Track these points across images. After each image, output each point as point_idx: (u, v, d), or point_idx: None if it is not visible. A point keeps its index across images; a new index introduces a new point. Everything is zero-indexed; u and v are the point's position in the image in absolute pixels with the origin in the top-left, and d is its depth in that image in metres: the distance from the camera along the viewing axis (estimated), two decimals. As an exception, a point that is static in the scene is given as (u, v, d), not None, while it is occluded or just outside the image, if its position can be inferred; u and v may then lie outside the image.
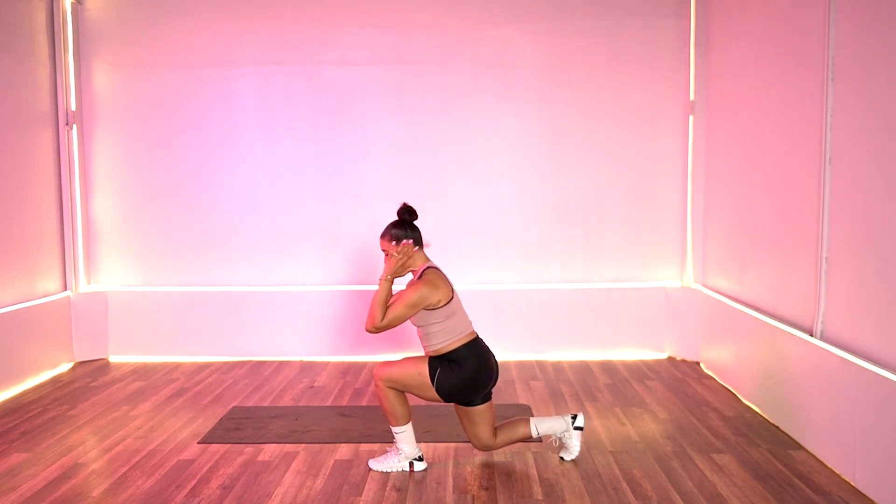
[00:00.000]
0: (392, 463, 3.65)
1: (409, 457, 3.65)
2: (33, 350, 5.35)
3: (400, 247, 3.54)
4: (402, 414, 3.60)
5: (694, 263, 5.82)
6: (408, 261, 3.58)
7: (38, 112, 5.61)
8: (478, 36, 5.85)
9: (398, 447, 3.65)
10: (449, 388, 3.53)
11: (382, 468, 3.65)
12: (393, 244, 3.56)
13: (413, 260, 3.60)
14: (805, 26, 4.05)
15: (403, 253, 3.54)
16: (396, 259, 3.54)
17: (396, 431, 3.63)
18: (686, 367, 5.57)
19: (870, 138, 3.46)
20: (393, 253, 3.55)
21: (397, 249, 3.54)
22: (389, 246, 3.57)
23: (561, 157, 5.90)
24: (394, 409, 3.57)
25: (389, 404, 3.57)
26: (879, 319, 3.35)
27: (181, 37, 5.91)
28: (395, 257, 3.55)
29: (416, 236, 3.61)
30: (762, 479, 3.49)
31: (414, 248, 3.57)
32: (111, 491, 3.45)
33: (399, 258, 3.54)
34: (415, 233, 3.62)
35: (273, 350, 5.94)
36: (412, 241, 3.57)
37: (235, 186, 5.98)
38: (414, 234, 3.61)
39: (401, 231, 3.59)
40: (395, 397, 3.56)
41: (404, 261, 3.56)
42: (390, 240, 3.57)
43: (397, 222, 3.63)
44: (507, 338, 5.88)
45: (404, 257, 3.55)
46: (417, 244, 3.61)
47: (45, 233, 5.66)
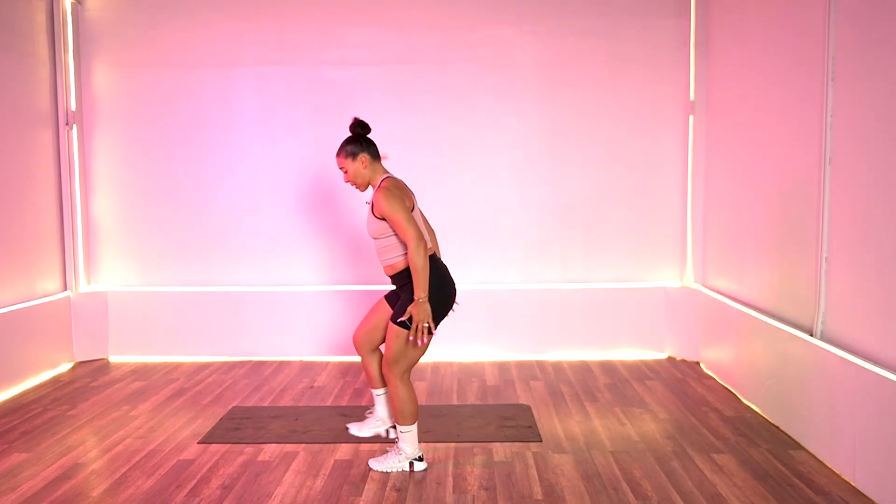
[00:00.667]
0: (392, 463, 3.65)
1: (409, 457, 3.65)
2: (33, 350, 5.35)
3: (349, 165, 3.57)
4: (411, 412, 3.59)
5: (694, 263, 5.83)
6: (363, 176, 3.60)
7: (38, 112, 5.61)
8: (478, 36, 5.85)
9: (399, 446, 3.65)
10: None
11: (383, 468, 3.65)
12: (349, 160, 3.58)
13: (371, 174, 3.61)
14: (805, 26, 4.05)
15: (355, 172, 3.58)
16: (419, 318, 3.44)
17: (402, 430, 3.63)
18: (686, 367, 5.57)
19: (870, 138, 3.46)
20: (349, 174, 3.58)
21: (347, 168, 3.58)
22: (345, 162, 3.59)
23: (561, 157, 5.90)
24: (404, 406, 3.57)
25: (401, 402, 3.57)
26: (879, 319, 3.36)
27: (181, 37, 5.91)
28: (351, 180, 3.60)
29: (371, 150, 3.62)
30: (762, 479, 3.49)
31: (366, 162, 3.57)
32: (111, 491, 3.45)
33: (419, 322, 3.45)
34: (370, 146, 3.63)
35: (273, 350, 5.94)
36: (366, 156, 3.58)
37: (235, 186, 5.98)
38: (369, 149, 3.62)
39: (355, 146, 3.59)
40: (406, 394, 3.57)
41: (357, 180, 3.61)
42: (346, 156, 3.59)
43: (351, 138, 3.63)
44: (507, 338, 5.89)
45: (357, 177, 3.59)
46: (374, 158, 3.62)
47: (45, 233, 5.66)
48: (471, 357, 5.87)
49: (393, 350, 3.56)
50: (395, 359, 3.55)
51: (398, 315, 3.55)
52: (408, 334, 3.49)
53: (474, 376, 5.39)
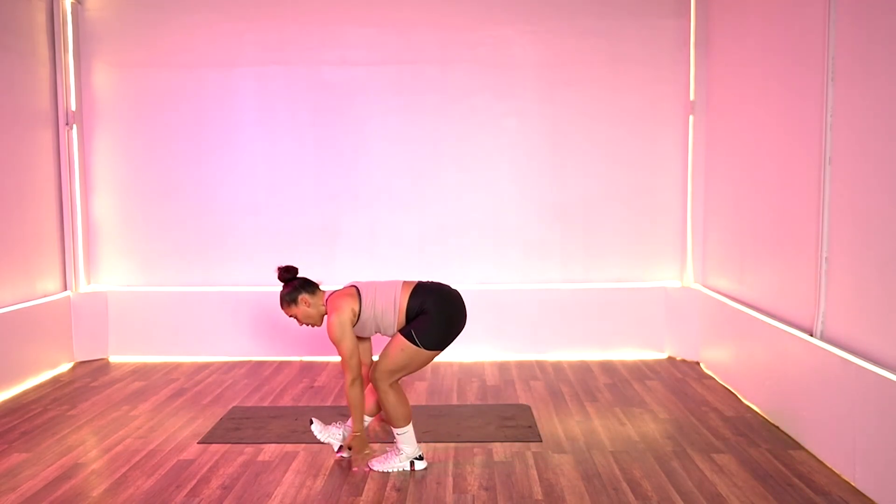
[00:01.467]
0: (393, 463, 3.65)
1: (409, 456, 3.66)
2: (33, 350, 5.35)
3: (298, 312, 3.67)
4: (404, 414, 3.60)
5: (694, 263, 5.83)
6: (313, 316, 3.69)
7: (38, 112, 5.61)
8: (478, 36, 5.85)
9: (399, 447, 3.65)
10: (434, 335, 3.52)
11: (384, 468, 3.66)
12: (293, 307, 3.67)
13: (317, 309, 3.67)
14: (805, 26, 4.05)
15: (306, 315, 3.68)
16: (358, 446, 3.67)
17: (398, 433, 3.63)
18: (686, 367, 5.57)
19: (870, 138, 3.46)
20: (300, 319, 3.71)
21: (299, 316, 3.68)
22: (291, 310, 3.68)
23: (561, 157, 5.90)
24: (395, 410, 3.58)
25: (391, 406, 3.57)
26: (879, 319, 3.35)
27: (181, 37, 5.91)
28: (357, 446, 3.70)
29: (307, 287, 3.68)
30: (762, 479, 3.49)
31: (308, 302, 3.65)
32: (111, 491, 3.45)
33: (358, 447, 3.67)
34: (304, 285, 3.68)
35: (273, 350, 5.94)
36: (305, 296, 3.64)
37: (235, 186, 5.98)
38: (305, 287, 3.67)
39: (291, 292, 3.67)
40: (395, 398, 3.57)
41: (311, 322, 3.73)
42: (288, 305, 3.68)
43: (284, 286, 3.71)
44: (507, 338, 5.89)
45: (308, 319, 3.71)
46: (312, 293, 3.67)
47: (45, 233, 5.66)
48: (471, 357, 5.87)
49: (392, 361, 3.54)
50: (392, 370, 3.55)
51: (407, 330, 3.52)
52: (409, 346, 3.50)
53: (474, 376, 5.39)
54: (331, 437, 3.79)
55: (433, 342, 3.53)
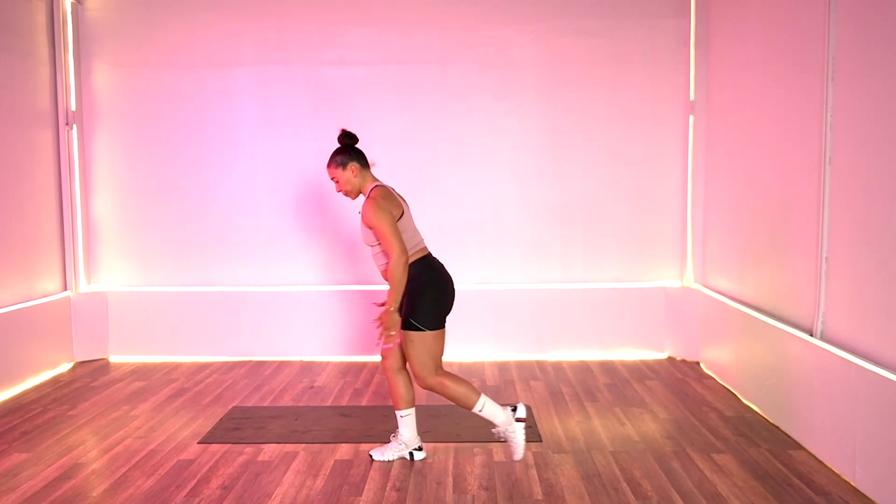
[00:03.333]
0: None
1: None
2: (33, 350, 5.35)
3: (340, 174, 3.63)
4: (468, 391, 3.61)
5: (694, 263, 5.83)
6: (353, 185, 3.66)
7: (38, 112, 5.61)
8: (478, 36, 5.85)
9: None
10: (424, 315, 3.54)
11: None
12: (339, 170, 3.64)
13: (360, 182, 3.67)
14: (805, 26, 4.05)
15: (346, 182, 3.65)
16: (389, 319, 3.52)
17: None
18: (686, 367, 5.57)
19: (870, 138, 3.46)
20: (340, 183, 3.65)
21: (338, 178, 3.65)
22: (336, 172, 3.65)
23: (561, 157, 5.90)
24: (462, 394, 3.61)
25: (458, 394, 3.60)
26: (879, 319, 3.35)
27: (181, 37, 5.91)
28: (344, 189, 3.66)
29: (360, 159, 3.68)
30: (762, 479, 3.49)
31: (356, 171, 3.64)
32: (111, 491, 3.45)
33: (393, 287, 3.52)
34: (359, 155, 3.69)
35: (273, 350, 5.94)
36: (355, 164, 3.64)
37: (235, 186, 5.98)
38: (358, 158, 3.68)
39: (344, 156, 3.65)
40: (456, 385, 3.60)
41: (347, 189, 3.67)
42: (336, 166, 3.66)
43: (340, 148, 3.69)
44: (507, 338, 5.89)
45: (347, 186, 3.66)
46: (363, 166, 3.68)
47: (45, 233, 5.66)
48: (471, 357, 5.87)
49: (414, 356, 3.58)
50: (422, 362, 3.58)
51: (404, 322, 3.56)
52: (421, 334, 3.54)
53: (474, 376, 5.39)
54: (396, 450, 3.78)
55: (427, 320, 3.55)
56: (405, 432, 3.75)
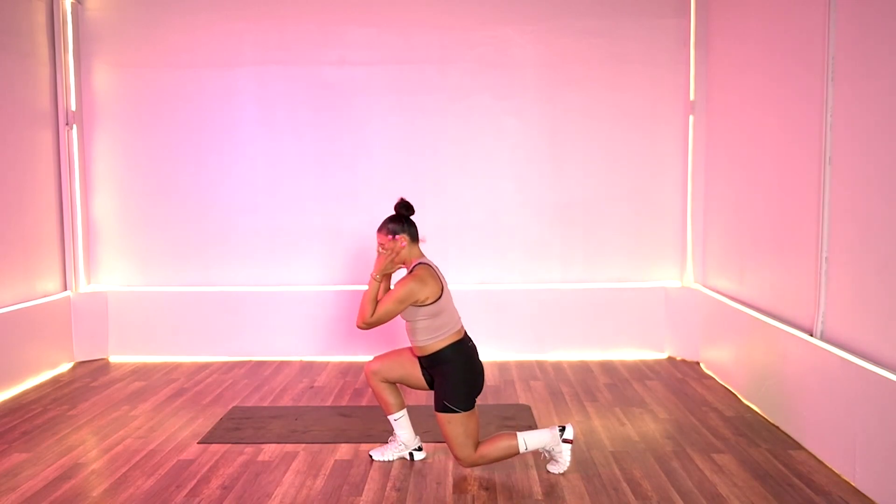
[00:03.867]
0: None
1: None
2: (33, 350, 5.35)
3: (388, 243, 3.55)
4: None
5: (694, 263, 5.82)
6: (399, 256, 3.57)
7: (38, 112, 5.61)
8: (478, 36, 5.85)
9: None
10: (457, 397, 3.47)
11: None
12: (388, 238, 3.56)
13: (407, 255, 3.59)
14: (805, 26, 4.05)
15: (392, 250, 3.54)
16: (385, 256, 3.54)
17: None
18: (686, 367, 5.57)
19: (870, 138, 3.46)
20: (380, 250, 3.57)
21: (386, 246, 3.55)
22: (386, 239, 3.57)
23: (561, 157, 5.90)
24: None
25: (494, 454, 3.53)
26: (879, 319, 3.35)
27: (181, 37, 5.91)
28: (384, 254, 3.55)
29: (411, 231, 3.60)
30: (762, 479, 3.49)
31: (404, 243, 3.55)
32: (111, 491, 3.45)
33: (388, 255, 3.54)
34: (411, 228, 3.61)
35: (273, 350, 5.94)
36: (405, 236, 3.56)
37: (235, 186, 5.98)
38: (410, 230, 3.60)
39: (397, 225, 3.57)
40: (498, 452, 3.53)
41: (392, 257, 3.55)
42: (387, 234, 3.57)
43: (394, 216, 3.62)
44: (507, 338, 5.89)
45: (392, 254, 3.55)
46: (413, 239, 3.60)
47: (45, 233, 5.66)
48: (471, 357, 5.87)
49: (454, 438, 3.48)
50: (460, 442, 3.48)
51: (439, 403, 3.50)
52: (457, 417, 3.45)
53: (474, 376, 5.38)
54: (395, 451, 3.76)
55: (464, 402, 3.47)
56: (402, 434, 3.75)
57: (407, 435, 3.75)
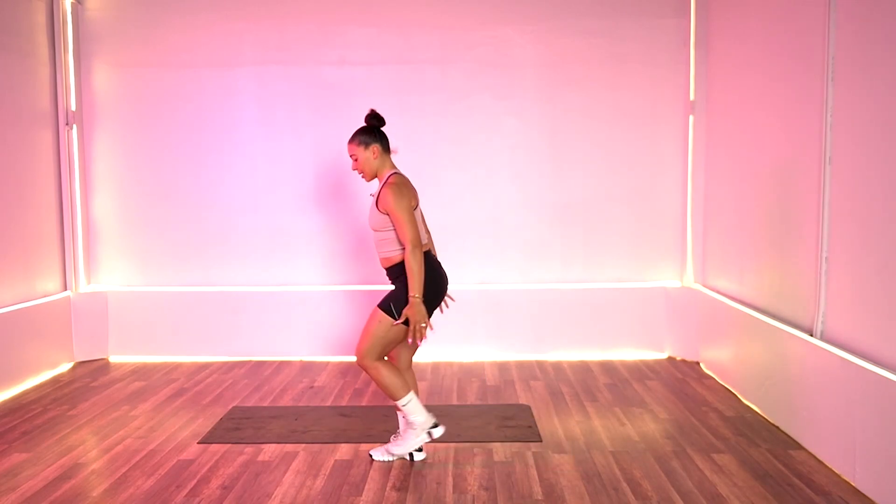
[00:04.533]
0: (410, 441, 3.66)
1: (424, 426, 3.63)
2: (33, 350, 5.35)
3: (361, 153, 3.60)
4: (401, 384, 3.58)
5: (694, 263, 5.83)
6: (371, 166, 3.63)
7: (38, 112, 5.61)
8: (478, 36, 5.85)
9: (409, 420, 3.63)
10: (403, 307, 3.50)
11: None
12: (361, 149, 3.61)
13: (379, 165, 3.65)
14: (805, 26, 4.05)
15: (365, 160, 3.61)
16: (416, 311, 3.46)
17: (402, 404, 3.61)
18: (686, 367, 5.57)
19: (870, 138, 3.46)
20: (359, 162, 3.62)
21: (357, 156, 3.61)
22: (358, 150, 3.62)
23: (561, 157, 5.90)
24: (391, 382, 3.56)
25: (386, 379, 3.55)
26: (879, 319, 3.35)
27: (181, 37, 5.91)
28: (359, 166, 3.62)
29: (383, 143, 3.66)
30: (762, 479, 3.49)
31: (376, 154, 3.61)
32: (111, 491, 3.45)
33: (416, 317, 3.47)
34: (382, 139, 3.66)
35: (273, 350, 5.94)
36: (377, 147, 3.61)
37: (235, 186, 5.98)
38: (382, 141, 3.66)
39: (369, 136, 3.63)
40: (387, 371, 3.56)
41: (366, 167, 3.64)
42: (358, 144, 3.63)
43: (365, 128, 3.66)
44: (507, 338, 5.89)
45: (365, 164, 3.62)
46: (385, 150, 3.66)
47: (45, 233, 5.66)
48: (471, 357, 5.87)
49: (372, 335, 3.53)
50: (374, 344, 3.54)
51: (386, 303, 3.54)
52: (391, 322, 3.50)
53: (474, 376, 5.39)
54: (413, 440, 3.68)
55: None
56: (416, 417, 3.62)
57: (422, 417, 3.62)
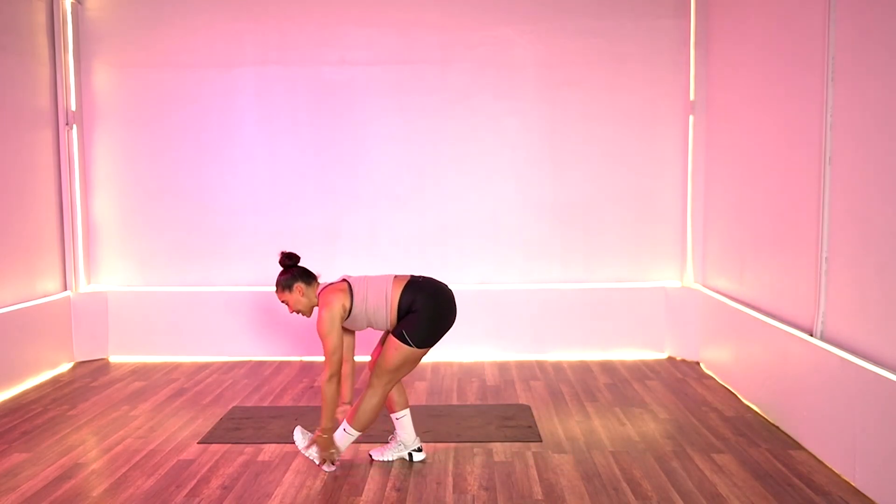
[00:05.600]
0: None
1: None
2: (33, 350, 5.35)
3: (289, 298, 3.65)
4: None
5: (694, 263, 5.83)
6: (303, 304, 3.66)
7: (38, 112, 5.61)
8: (478, 36, 5.86)
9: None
10: (424, 333, 3.51)
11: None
12: (286, 293, 3.65)
13: (311, 298, 3.66)
14: (805, 26, 4.05)
15: (296, 302, 3.66)
16: (323, 447, 3.61)
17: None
18: (686, 367, 5.57)
19: (870, 138, 3.46)
20: (291, 305, 3.66)
21: (289, 302, 3.66)
22: (284, 295, 3.67)
23: (561, 157, 5.90)
24: (368, 417, 3.63)
25: (370, 412, 3.61)
26: (879, 319, 3.35)
27: (181, 37, 5.91)
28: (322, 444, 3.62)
29: (305, 277, 3.67)
30: (762, 479, 3.49)
31: (302, 292, 3.63)
32: (111, 491, 3.45)
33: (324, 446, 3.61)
34: (304, 274, 3.68)
35: (273, 350, 5.94)
36: (300, 285, 3.63)
37: (235, 186, 5.98)
38: (303, 277, 3.67)
39: (288, 279, 3.66)
40: (377, 406, 3.62)
41: (301, 309, 3.68)
42: (282, 290, 3.67)
43: (283, 272, 3.70)
44: (507, 338, 5.89)
45: (299, 307, 3.67)
46: (308, 283, 3.66)
47: (45, 233, 5.66)
48: (471, 357, 5.87)
49: (390, 362, 3.55)
50: (388, 370, 3.55)
51: (398, 330, 3.53)
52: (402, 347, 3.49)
53: (474, 376, 5.39)
54: (395, 451, 3.78)
55: (423, 340, 3.52)
56: (402, 434, 3.76)
57: (407, 436, 3.76)
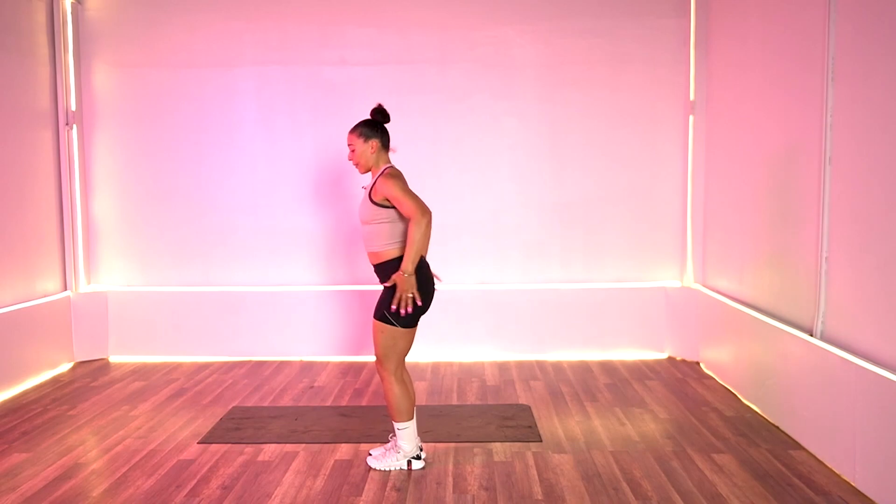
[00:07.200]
0: (390, 461, 3.67)
1: (407, 455, 3.66)
2: (33, 350, 5.35)
3: (359, 145, 3.59)
4: (406, 409, 3.60)
5: (694, 263, 5.83)
6: (365, 159, 3.62)
7: (38, 112, 5.61)
8: (478, 36, 5.86)
9: (398, 444, 3.66)
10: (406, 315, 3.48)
11: (381, 466, 3.67)
12: (360, 140, 3.61)
13: (374, 160, 3.64)
14: (805, 26, 4.05)
15: (360, 153, 3.61)
16: (403, 290, 3.46)
17: (399, 427, 3.63)
18: (686, 367, 5.57)
19: (870, 138, 3.46)
20: (355, 154, 3.61)
21: (355, 147, 3.61)
22: (356, 141, 3.62)
23: (561, 157, 5.90)
24: (399, 403, 3.57)
25: (396, 399, 3.57)
26: (879, 319, 3.36)
27: (181, 37, 5.91)
28: (401, 291, 3.47)
29: (384, 139, 3.65)
30: (762, 479, 3.49)
31: (374, 149, 3.60)
32: (111, 491, 3.45)
33: (404, 293, 3.46)
34: (383, 136, 3.65)
35: (273, 350, 5.94)
36: (376, 142, 3.60)
37: (235, 186, 5.98)
38: (382, 137, 3.64)
39: (369, 130, 3.62)
40: (401, 391, 3.57)
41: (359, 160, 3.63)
42: (359, 136, 3.62)
43: (368, 121, 3.65)
44: (507, 338, 5.89)
45: (359, 157, 3.62)
46: (383, 147, 3.65)
47: (45, 233, 5.66)
48: (471, 357, 5.87)
49: (380, 345, 3.55)
50: (385, 354, 3.55)
51: (379, 311, 3.54)
52: (388, 328, 3.49)
53: (474, 376, 5.39)
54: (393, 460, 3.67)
55: (407, 321, 3.50)
56: (405, 445, 3.64)
57: (409, 447, 3.66)
